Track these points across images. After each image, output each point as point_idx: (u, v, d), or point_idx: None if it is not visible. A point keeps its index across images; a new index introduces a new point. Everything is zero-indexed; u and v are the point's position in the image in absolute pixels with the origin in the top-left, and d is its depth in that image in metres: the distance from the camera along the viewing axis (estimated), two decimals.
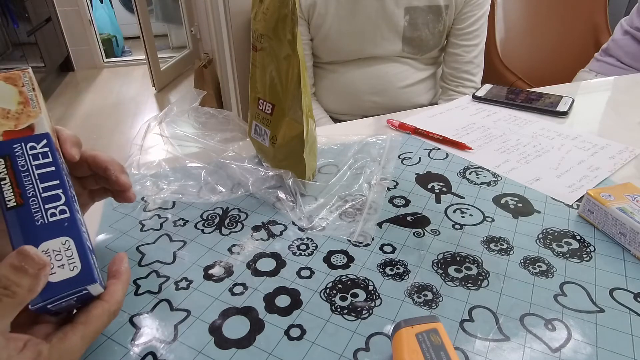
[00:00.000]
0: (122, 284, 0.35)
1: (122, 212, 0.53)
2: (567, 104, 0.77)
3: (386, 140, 0.67)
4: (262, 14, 0.50)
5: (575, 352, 0.35)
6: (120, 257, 0.37)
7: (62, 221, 0.32)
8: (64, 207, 0.32)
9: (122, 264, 0.36)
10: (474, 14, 0.97)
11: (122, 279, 0.35)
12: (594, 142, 0.66)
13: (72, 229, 0.32)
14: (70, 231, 0.31)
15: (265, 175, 0.54)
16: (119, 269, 0.36)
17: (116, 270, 0.35)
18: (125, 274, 0.36)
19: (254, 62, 0.55)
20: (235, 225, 0.50)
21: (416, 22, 0.96)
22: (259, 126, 0.56)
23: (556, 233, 0.48)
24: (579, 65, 1.41)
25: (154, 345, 0.36)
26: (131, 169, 0.59)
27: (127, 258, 0.37)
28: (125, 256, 0.37)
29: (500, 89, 0.85)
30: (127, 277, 0.36)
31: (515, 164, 0.61)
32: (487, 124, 0.74)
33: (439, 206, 0.53)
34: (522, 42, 1.56)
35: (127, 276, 0.36)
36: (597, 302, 0.39)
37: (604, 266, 0.43)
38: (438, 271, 0.43)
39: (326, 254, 0.45)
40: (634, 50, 1.24)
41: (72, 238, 0.31)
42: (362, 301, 0.40)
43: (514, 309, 0.39)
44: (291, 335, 0.37)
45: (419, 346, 0.31)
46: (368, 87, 1.03)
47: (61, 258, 0.31)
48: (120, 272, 0.35)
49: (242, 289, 0.41)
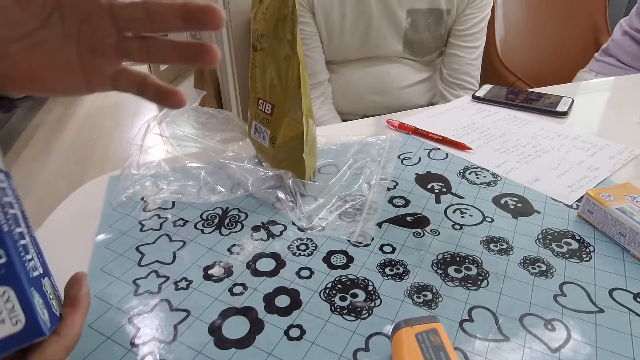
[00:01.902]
0: (81, 314, 0.30)
1: (122, 212, 0.53)
2: (566, 104, 0.77)
3: (386, 141, 0.67)
4: (262, 14, 0.50)
5: (574, 352, 0.35)
6: (78, 279, 0.32)
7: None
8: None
9: (81, 289, 0.31)
10: (475, 16, 0.97)
11: (81, 307, 0.30)
12: (594, 142, 0.66)
13: (11, 276, 0.26)
14: (8, 279, 0.26)
15: (265, 176, 0.54)
16: (77, 295, 0.31)
17: (74, 297, 0.30)
18: (84, 300, 0.31)
19: (253, 62, 0.55)
20: (235, 225, 0.50)
21: (418, 25, 0.96)
22: (259, 126, 0.56)
23: (556, 233, 0.48)
24: (579, 65, 1.41)
25: (153, 345, 0.36)
26: (131, 169, 0.59)
27: (86, 280, 0.32)
28: (85, 278, 0.32)
29: (500, 89, 0.85)
30: (86, 304, 0.31)
31: (515, 164, 0.61)
32: (487, 124, 0.74)
33: (438, 206, 0.53)
34: (522, 42, 1.56)
35: (86, 303, 0.31)
36: (596, 302, 0.39)
37: (603, 266, 0.43)
38: (438, 271, 0.43)
39: (326, 254, 0.45)
40: (634, 51, 1.24)
41: (11, 287, 0.26)
42: (362, 301, 0.40)
43: (514, 309, 0.39)
44: (291, 335, 0.37)
45: (419, 346, 0.31)
46: (369, 86, 1.03)
47: (0, 312, 0.25)
48: (79, 300, 0.30)
49: (241, 289, 0.41)
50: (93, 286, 0.42)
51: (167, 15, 0.28)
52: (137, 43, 0.30)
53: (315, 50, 0.99)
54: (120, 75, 0.31)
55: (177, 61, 0.30)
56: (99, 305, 0.40)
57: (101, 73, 0.31)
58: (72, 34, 0.30)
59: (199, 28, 0.28)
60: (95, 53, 0.30)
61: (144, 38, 0.30)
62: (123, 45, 0.30)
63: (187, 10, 0.27)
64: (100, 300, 0.41)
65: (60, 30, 0.29)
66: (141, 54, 0.30)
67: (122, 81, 0.31)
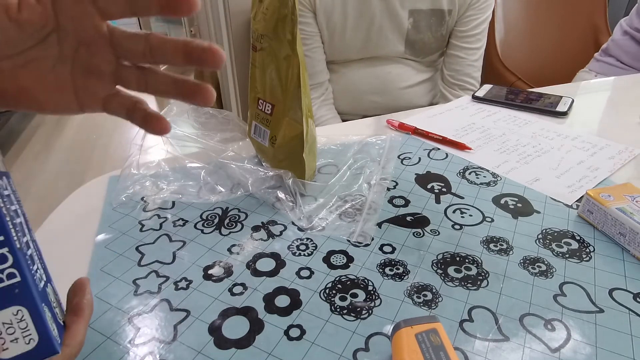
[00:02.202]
0: (84, 322, 0.30)
1: (121, 212, 0.53)
2: (566, 104, 0.77)
3: (386, 141, 0.67)
4: (262, 14, 0.50)
5: (574, 352, 0.35)
6: (82, 285, 0.31)
7: (12, 287, 0.26)
8: (12, 271, 0.26)
9: (85, 296, 0.31)
10: (477, 17, 0.97)
11: (84, 315, 0.30)
12: (594, 142, 0.66)
13: (25, 295, 0.26)
14: (23, 298, 0.26)
15: (265, 176, 0.54)
16: (80, 303, 0.30)
17: (77, 305, 0.30)
18: (87, 308, 0.31)
19: (253, 62, 0.55)
20: (235, 225, 0.50)
21: (419, 25, 0.96)
22: (259, 126, 0.56)
23: (556, 233, 0.48)
24: (579, 65, 1.41)
25: (153, 345, 0.36)
26: (131, 169, 0.59)
27: (89, 286, 0.32)
28: (88, 284, 0.32)
29: (500, 89, 0.85)
30: (89, 312, 0.31)
31: (514, 164, 0.61)
32: (487, 124, 0.74)
33: (438, 206, 0.53)
34: (522, 42, 1.56)
35: (89, 311, 0.31)
36: (596, 302, 0.39)
37: (603, 266, 0.43)
38: (438, 271, 0.43)
39: (326, 254, 0.45)
40: (634, 51, 1.24)
41: (25, 307, 0.26)
42: (362, 301, 0.40)
43: (514, 309, 0.39)
44: (291, 335, 0.37)
45: (419, 346, 0.31)
46: (369, 86, 1.03)
47: (13, 331, 0.26)
48: (82, 308, 0.30)
49: (241, 289, 0.41)
50: (93, 286, 0.42)
51: (169, 51, 0.28)
52: (135, 72, 0.31)
53: (316, 50, 0.99)
54: (113, 98, 0.31)
55: (174, 96, 0.30)
56: (99, 305, 0.40)
57: (94, 95, 0.31)
58: (68, 55, 0.29)
59: (199, 66, 0.28)
60: (90, 76, 0.30)
61: (141, 68, 0.31)
62: (120, 72, 0.31)
63: (189, 49, 0.28)
64: (100, 300, 0.41)
65: (55, 51, 0.29)
66: (138, 84, 0.31)
67: (113, 104, 0.32)
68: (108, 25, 0.29)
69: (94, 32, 0.29)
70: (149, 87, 0.31)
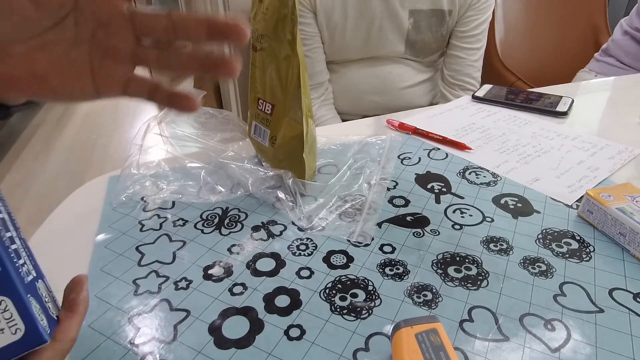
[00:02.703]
0: (78, 318, 0.29)
1: (121, 212, 0.53)
2: (566, 104, 0.77)
3: (386, 141, 0.67)
4: (262, 14, 0.50)
5: (574, 352, 0.35)
6: (79, 281, 0.31)
7: None
8: None
9: (81, 292, 0.31)
10: (477, 18, 0.97)
11: (78, 311, 0.30)
12: (594, 142, 0.66)
13: (7, 285, 0.26)
14: (6, 288, 0.26)
15: (265, 175, 0.54)
16: (76, 299, 0.30)
17: (72, 301, 0.30)
18: (82, 304, 0.30)
19: (253, 62, 0.55)
20: (235, 225, 0.50)
21: (420, 25, 0.96)
22: (259, 126, 0.56)
23: (556, 233, 0.48)
24: (579, 65, 1.41)
25: (153, 345, 0.36)
26: (131, 169, 0.59)
27: (87, 283, 0.31)
28: (86, 281, 0.31)
29: (500, 89, 0.85)
30: (84, 309, 0.30)
31: (514, 164, 0.61)
32: (487, 124, 0.74)
33: (438, 206, 0.53)
34: (522, 42, 1.56)
35: (84, 307, 0.30)
36: (596, 302, 0.39)
37: (603, 266, 0.43)
38: (438, 271, 0.43)
39: (326, 254, 0.45)
40: (634, 51, 1.24)
41: (8, 297, 0.26)
42: (362, 301, 0.40)
43: (514, 309, 0.39)
44: (291, 335, 0.37)
45: (419, 346, 0.31)
46: (369, 86, 1.03)
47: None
48: (77, 303, 0.30)
49: (241, 289, 0.41)
50: (93, 286, 0.42)
51: (192, 26, 0.28)
52: (154, 51, 0.30)
53: (316, 51, 0.99)
54: (132, 81, 0.31)
55: (197, 71, 0.30)
56: (98, 305, 0.40)
57: (112, 78, 0.30)
58: (84, 38, 0.29)
59: (223, 39, 0.27)
60: (108, 58, 0.30)
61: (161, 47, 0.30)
62: (138, 53, 0.30)
63: (213, 23, 0.27)
64: (100, 300, 0.41)
65: (71, 34, 0.29)
66: (159, 62, 0.30)
67: (134, 86, 0.31)
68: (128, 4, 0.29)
69: (114, 11, 0.28)
70: (171, 63, 0.30)
